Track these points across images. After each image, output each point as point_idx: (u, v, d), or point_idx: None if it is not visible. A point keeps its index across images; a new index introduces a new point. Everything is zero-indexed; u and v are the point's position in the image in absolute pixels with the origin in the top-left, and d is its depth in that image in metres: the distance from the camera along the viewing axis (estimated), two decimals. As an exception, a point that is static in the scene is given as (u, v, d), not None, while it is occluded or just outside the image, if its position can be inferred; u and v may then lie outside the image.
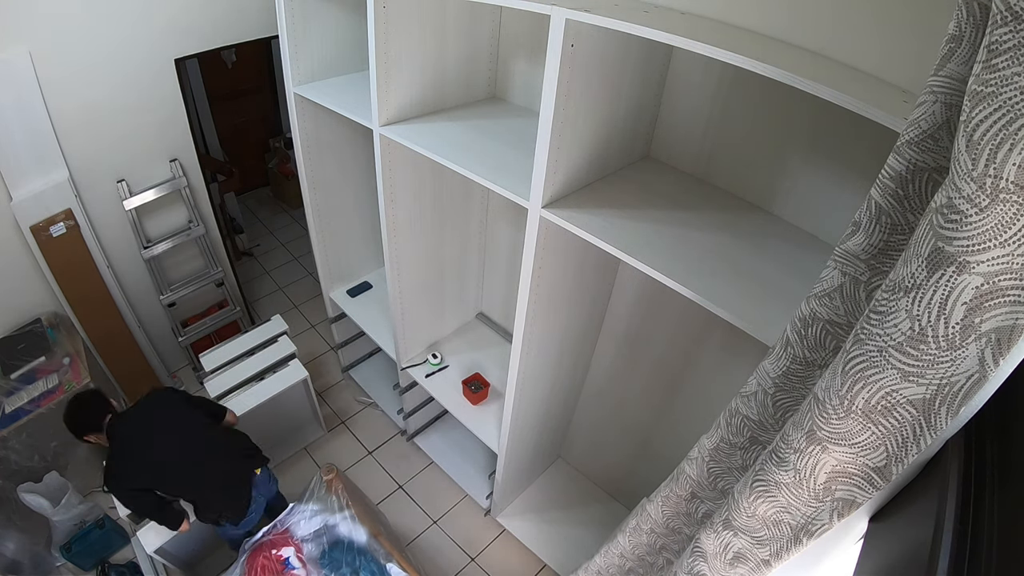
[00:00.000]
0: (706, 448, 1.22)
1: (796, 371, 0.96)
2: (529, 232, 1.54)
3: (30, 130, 2.27)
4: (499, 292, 2.71)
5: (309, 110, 2.29)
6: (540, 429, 2.42)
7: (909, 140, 0.70)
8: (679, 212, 1.50)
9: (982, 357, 0.58)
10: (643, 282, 1.98)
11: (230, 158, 4.60)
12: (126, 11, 2.34)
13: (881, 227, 0.77)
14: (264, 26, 2.71)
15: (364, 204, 2.79)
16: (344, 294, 2.94)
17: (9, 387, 2.40)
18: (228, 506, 2.06)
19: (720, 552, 1.09)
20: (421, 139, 1.75)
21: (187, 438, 2.00)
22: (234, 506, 2.06)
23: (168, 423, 1.99)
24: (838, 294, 0.85)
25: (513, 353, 1.86)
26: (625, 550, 1.61)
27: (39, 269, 2.53)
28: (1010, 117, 0.48)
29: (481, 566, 2.58)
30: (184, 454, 1.97)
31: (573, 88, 1.30)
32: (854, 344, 0.70)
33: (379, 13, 1.59)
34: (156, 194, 2.77)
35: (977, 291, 0.55)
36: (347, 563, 1.94)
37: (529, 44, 1.93)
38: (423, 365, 2.59)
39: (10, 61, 2.13)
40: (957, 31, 0.60)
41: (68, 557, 2.39)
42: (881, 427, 0.70)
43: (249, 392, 2.62)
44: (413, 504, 2.82)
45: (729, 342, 1.82)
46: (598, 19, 1.12)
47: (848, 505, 0.80)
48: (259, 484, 2.13)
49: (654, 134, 1.71)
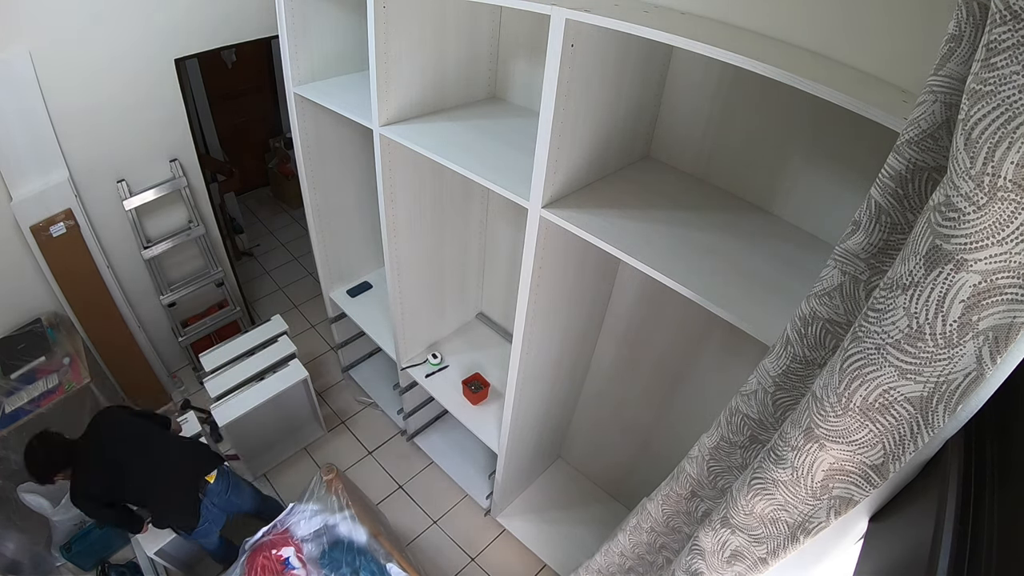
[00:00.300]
0: (706, 447, 1.22)
1: (796, 370, 0.96)
2: (529, 232, 1.55)
3: (30, 130, 2.27)
4: (499, 292, 2.71)
5: (309, 110, 2.29)
6: (540, 429, 2.42)
7: (909, 139, 0.70)
8: (679, 212, 1.50)
9: (980, 355, 0.58)
10: (643, 282, 1.98)
11: (230, 158, 4.60)
12: (126, 11, 2.34)
13: (881, 226, 0.77)
14: (264, 26, 2.71)
15: (364, 204, 2.79)
16: (344, 294, 2.94)
17: (9, 387, 2.40)
18: (176, 515, 2.02)
19: (718, 550, 1.09)
20: (421, 139, 1.75)
21: (138, 449, 1.99)
22: (181, 515, 2.02)
23: (119, 438, 1.99)
24: (838, 293, 0.85)
25: (513, 353, 1.87)
26: (625, 549, 1.61)
27: (39, 269, 2.53)
28: (1009, 115, 0.48)
29: (481, 566, 2.58)
30: (137, 465, 1.96)
31: (573, 88, 1.30)
32: (852, 342, 0.70)
33: (379, 13, 1.59)
34: (156, 194, 2.77)
35: (975, 289, 0.55)
36: (347, 563, 1.94)
37: (529, 44, 1.93)
38: (423, 365, 2.59)
39: (10, 61, 2.13)
40: (957, 31, 0.60)
41: (68, 557, 2.39)
42: (879, 424, 0.70)
43: (249, 392, 2.63)
44: (413, 504, 2.82)
45: (729, 342, 1.82)
46: (598, 19, 1.12)
47: (845, 503, 0.80)
48: (211, 493, 2.07)
49: (654, 134, 1.71)
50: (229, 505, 2.16)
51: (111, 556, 2.52)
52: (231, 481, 2.18)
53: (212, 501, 2.08)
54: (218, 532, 2.15)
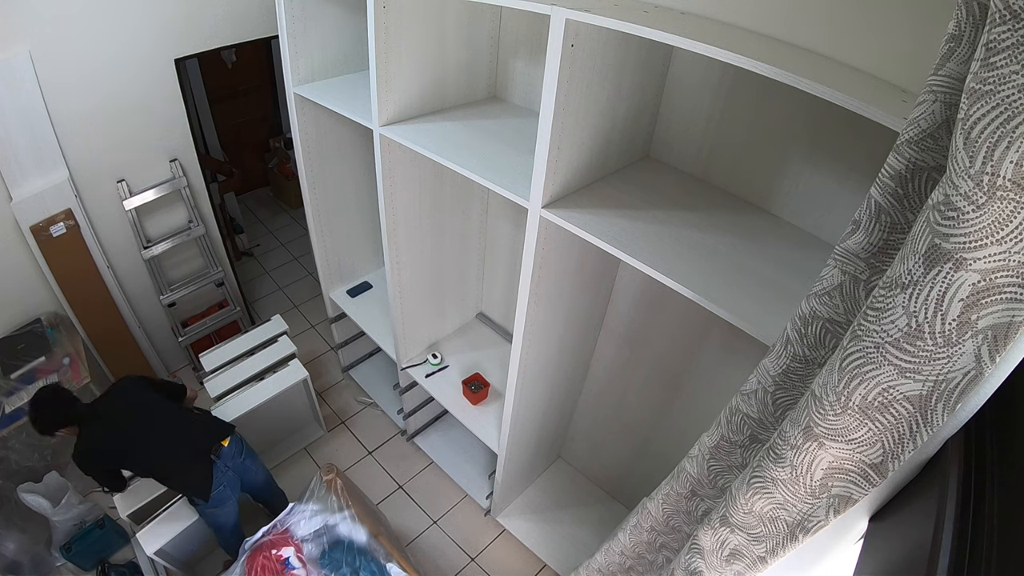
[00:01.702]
0: (707, 446, 1.22)
1: (796, 369, 0.96)
2: (529, 232, 1.55)
3: (30, 130, 2.27)
4: (499, 292, 2.71)
5: (309, 110, 2.29)
6: (540, 429, 2.42)
7: (908, 139, 0.70)
8: (679, 212, 1.50)
9: (979, 354, 0.58)
10: (643, 282, 1.98)
11: (230, 158, 4.60)
12: (126, 11, 2.34)
13: (881, 226, 0.77)
14: (264, 26, 2.71)
15: (364, 204, 2.79)
16: (344, 294, 2.94)
17: (9, 387, 2.40)
18: (191, 482, 2.05)
19: (717, 549, 1.09)
20: (421, 139, 1.75)
21: (150, 420, 2.03)
22: (197, 481, 2.04)
23: (132, 407, 2.03)
24: (838, 292, 0.85)
25: (513, 353, 1.87)
26: (626, 548, 1.61)
27: (39, 269, 2.53)
28: (1008, 115, 0.48)
29: (481, 566, 2.58)
30: (148, 436, 2.00)
31: (573, 88, 1.30)
32: (851, 340, 0.70)
33: (379, 13, 1.60)
34: (156, 194, 2.77)
35: (974, 288, 0.55)
36: (347, 563, 1.94)
37: (529, 44, 1.93)
38: (423, 365, 2.59)
39: (10, 61, 2.13)
40: (957, 30, 0.60)
41: (68, 557, 2.39)
42: (878, 423, 0.70)
43: (249, 392, 2.62)
44: (413, 504, 2.82)
45: (729, 342, 1.82)
46: (598, 19, 1.12)
47: (844, 501, 0.80)
48: (225, 456, 2.10)
49: (654, 134, 1.71)
50: (244, 470, 2.18)
51: (111, 556, 2.52)
52: (245, 446, 2.22)
53: (226, 464, 2.09)
54: (235, 502, 2.17)
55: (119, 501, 2.25)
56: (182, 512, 2.20)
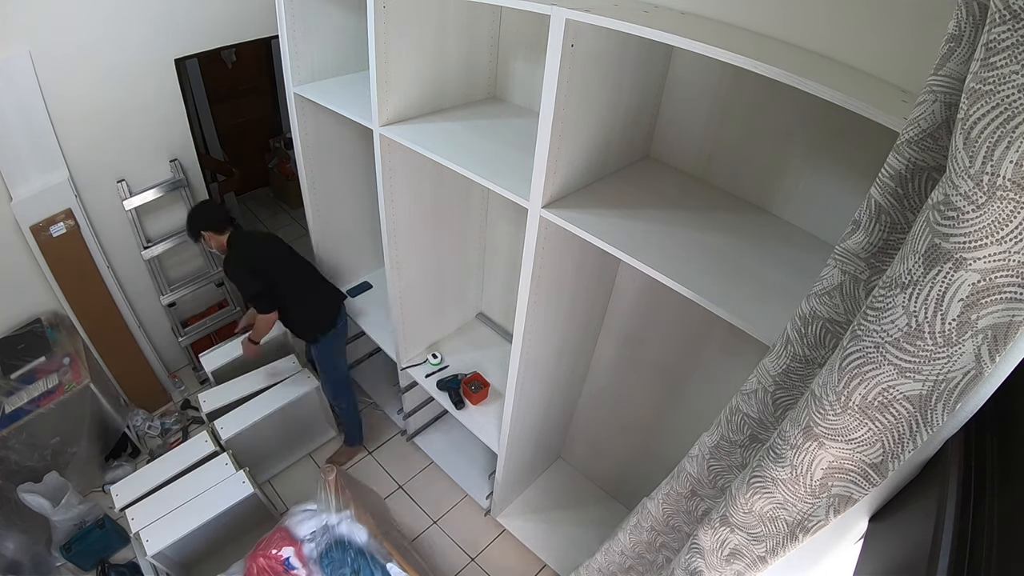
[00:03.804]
0: (707, 446, 1.22)
1: (796, 369, 0.96)
2: (529, 232, 1.55)
3: (30, 130, 2.27)
4: (499, 292, 2.71)
5: (309, 110, 2.29)
6: (540, 429, 2.42)
7: (909, 139, 0.70)
8: (679, 212, 1.50)
9: (979, 354, 0.58)
10: (643, 282, 1.98)
11: (230, 158, 4.60)
12: (126, 11, 2.34)
13: (881, 226, 0.77)
14: (264, 26, 2.71)
15: (364, 204, 2.79)
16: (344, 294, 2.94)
17: (9, 387, 2.40)
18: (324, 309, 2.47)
19: (717, 548, 1.09)
20: (421, 139, 1.75)
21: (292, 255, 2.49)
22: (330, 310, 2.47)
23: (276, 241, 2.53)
24: (838, 292, 0.85)
25: (513, 353, 1.87)
26: (626, 548, 1.61)
27: (39, 269, 2.53)
28: (1008, 115, 0.48)
29: (481, 566, 2.58)
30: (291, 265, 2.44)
31: (573, 88, 1.30)
32: (851, 340, 0.70)
33: (379, 13, 1.60)
34: (156, 194, 2.77)
35: (974, 288, 0.55)
36: (347, 563, 1.94)
37: (529, 44, 1.93)
38: (423, 365, 2.59)
39: (10, 61, 2.13)
40: (957, 31, 0.60)
41: (68, 557, 2.39)
42: (878, 423, 0.70)
43: (262, 399, 2.66)
44: (413, 504, 2.82)
45: (729, 342, 1.82)
46: (598, 19, 1.12)
47: (844, 501, 0.80)
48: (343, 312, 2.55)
49: (654, 134, 1.71)
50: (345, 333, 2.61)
51: (111, 556, 2.52)
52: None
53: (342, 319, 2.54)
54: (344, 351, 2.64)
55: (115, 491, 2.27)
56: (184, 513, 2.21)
